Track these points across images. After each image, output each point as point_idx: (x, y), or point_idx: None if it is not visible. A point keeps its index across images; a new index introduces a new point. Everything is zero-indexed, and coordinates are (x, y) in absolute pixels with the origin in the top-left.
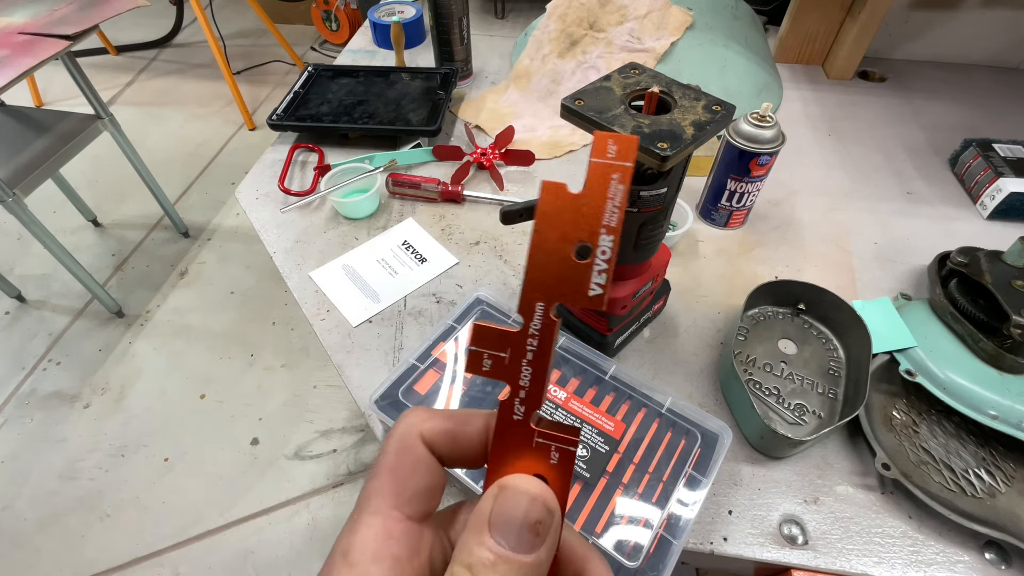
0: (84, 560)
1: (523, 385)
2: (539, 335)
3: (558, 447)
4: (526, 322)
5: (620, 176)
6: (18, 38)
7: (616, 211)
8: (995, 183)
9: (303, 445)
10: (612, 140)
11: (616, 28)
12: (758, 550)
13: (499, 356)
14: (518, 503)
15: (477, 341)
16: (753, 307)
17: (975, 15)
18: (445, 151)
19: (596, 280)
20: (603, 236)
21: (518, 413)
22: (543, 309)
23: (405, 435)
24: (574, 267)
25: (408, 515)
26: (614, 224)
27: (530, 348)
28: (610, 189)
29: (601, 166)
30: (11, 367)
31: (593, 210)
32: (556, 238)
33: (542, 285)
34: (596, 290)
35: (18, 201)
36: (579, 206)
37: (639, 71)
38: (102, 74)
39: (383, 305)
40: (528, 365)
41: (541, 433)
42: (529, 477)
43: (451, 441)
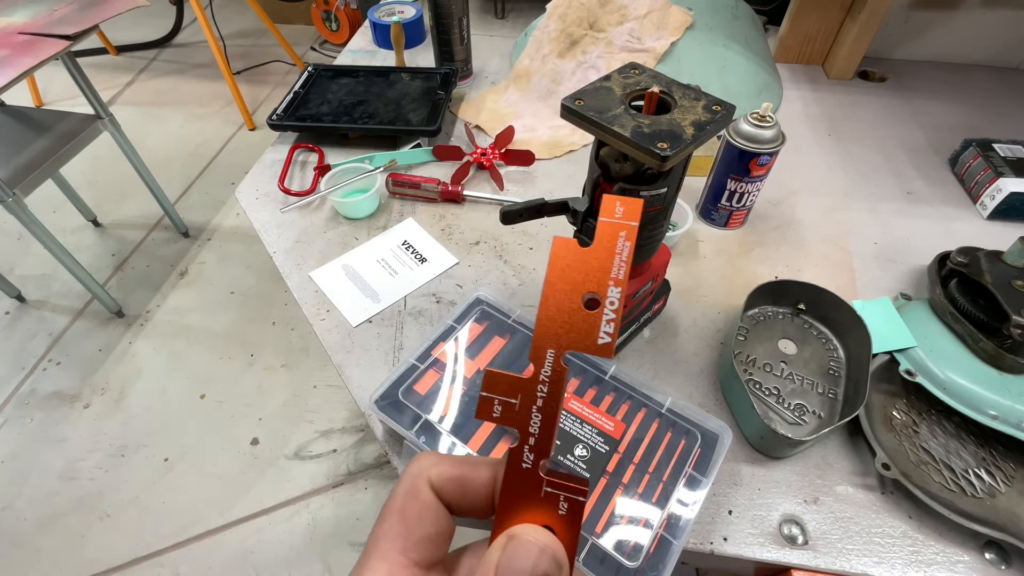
0: (84, 560)
1: (533, 432)
2: (549, 381)
3: (567, 497)
4: (537, 369)
5: (627, 234)
6: (18, 38)
7: (623, 265)
8: (995, 183)
9: (303, 445)
10: (620, 202)
11: (616, 28)
12: (758, 550)
13: (510, 402)
14: (527, 554)
15: (488, 387)
16: (753, 307)
17: (975, 15)
18: (445, 151)
19: (605, 329)
20: (611, 288)
21: (527, 461)
22: (553, 356)
23: (414, 479)
24: (584, 317)
25: (414, 561)
26: (621, 277)
27: (540, 395)
28: (618, 245)
29: (610, 225)
30: (11, 367)
31: (602, 264)
32: (567, 289)
33: (553, 333)
34: (605, 339)
35: (18, 201)
36: (588, 260)
37: (639, 71)
38: (102, 74)
39: (383, 305)
40: (538, 412)
41: (550, 482)
42: (538, 528)
43: (459, 488)
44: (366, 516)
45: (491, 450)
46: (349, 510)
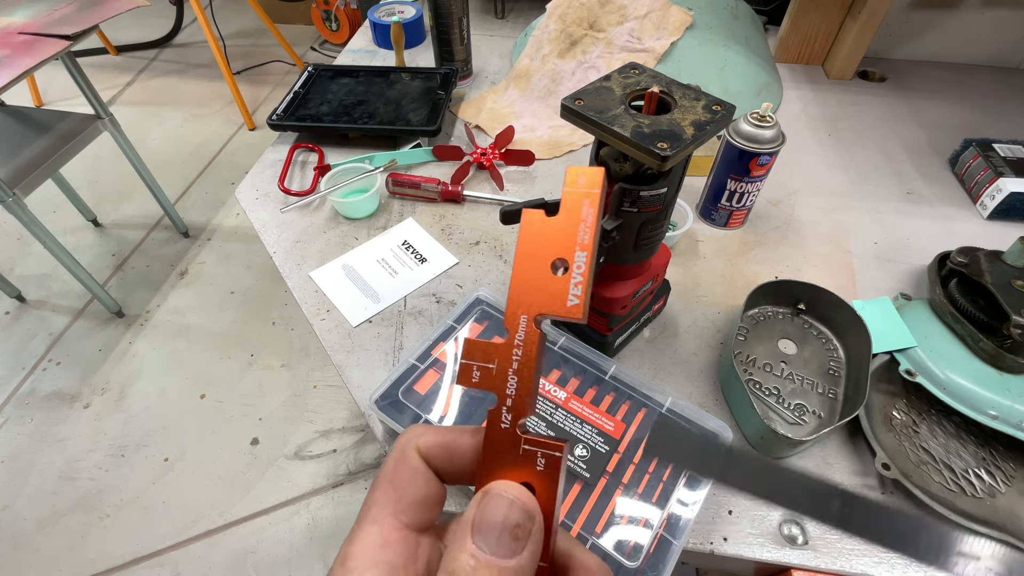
0: (84, 560)
1: (509, 394)
2: (523, 344)
3: (544, 453)
4: (511, 334)
5: (590, 201)
6: (18, 38)
7: (588, 231)
8: (995, 183)
9: (303, 445)
10: (581, 172)
11: (616, 28)
12: (758, 550)
13: (487, 367)
14: (498, 507)
15: (467, 355)
16: (753, 307)
17: (975, 15)
18: (445, 151)
19: (574, 292)
20: (578, 253)
21: (505, 421)
22: (527, 321)
23: (403, 447)
24: (553, 281)
25: (405, 524)
26: (587, 242)
27: (515, 358)
28: (583, 211)
29: (573, 194)
30: (11, 367)
31: (569, 230)
32: (537, 256)
33: (525, 299)
34: (574, 300)
35: (18, 201)
36: (556, 228)
37: (639, 71)
38: (102, 74)
39: (383, 305)
40: (514, 375)
41: (528, 440)
42: (511, 483)
43: (446, 454)
44: None
45: None
46: (349, 510)
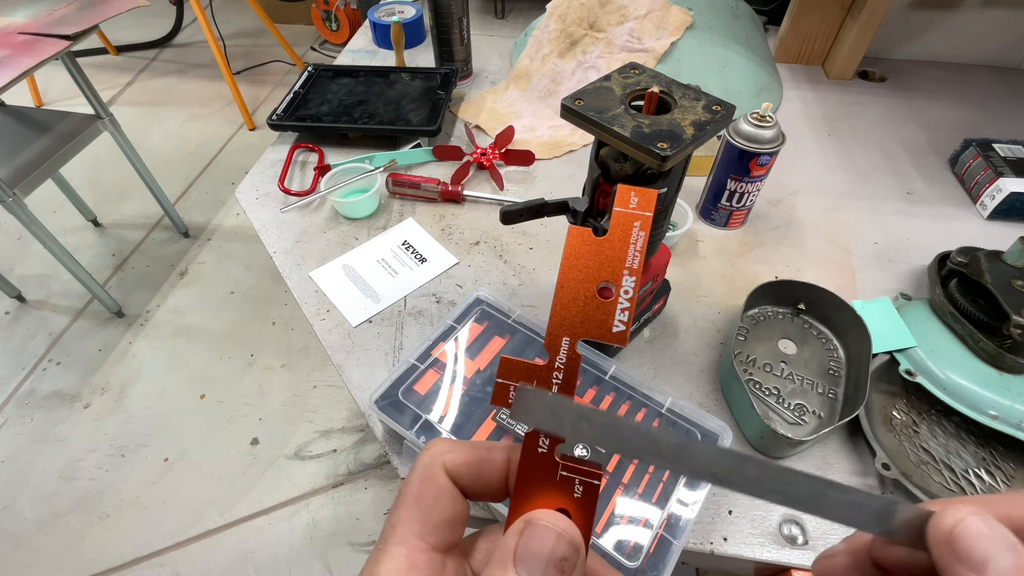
0: (84, 560)
1: None
2: (564, 368)
3: (582, 480)
4: (552, 356)
5: (641, 224)
6: (18, 38)
7: (638, 255)
8: (995, 183)
9: (303, 445)
10: (634, 192)
11: (616, 28)
12: (758, 550)
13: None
14: (544, 539)
15: (504, 374)
16: (753, 307)
17: (975, 15)
18: (445, 151)
19: (619, 317)
20: (626, 277)
21: (543, 446)
22: (568, 344)
23: (429, 465)
24: (598, 305)
25: (432, 545)
26: (636, 266)
27: (555, 382)
28: (632, 235)
29: (625, 215)
30: (11, 367)
31: (617, 253)
32: (581, 278)
33: (568, 322)
34: (619, 327)
35: (18, 201)
36: (603, 250)
37: (639, 71)
38: (102, 74)
39: (383, 305)
40: None
41: (566, 466)
42: (554, 512)
43: (474, 473)
44: (366, 516)
45: None
46: (349, 510)
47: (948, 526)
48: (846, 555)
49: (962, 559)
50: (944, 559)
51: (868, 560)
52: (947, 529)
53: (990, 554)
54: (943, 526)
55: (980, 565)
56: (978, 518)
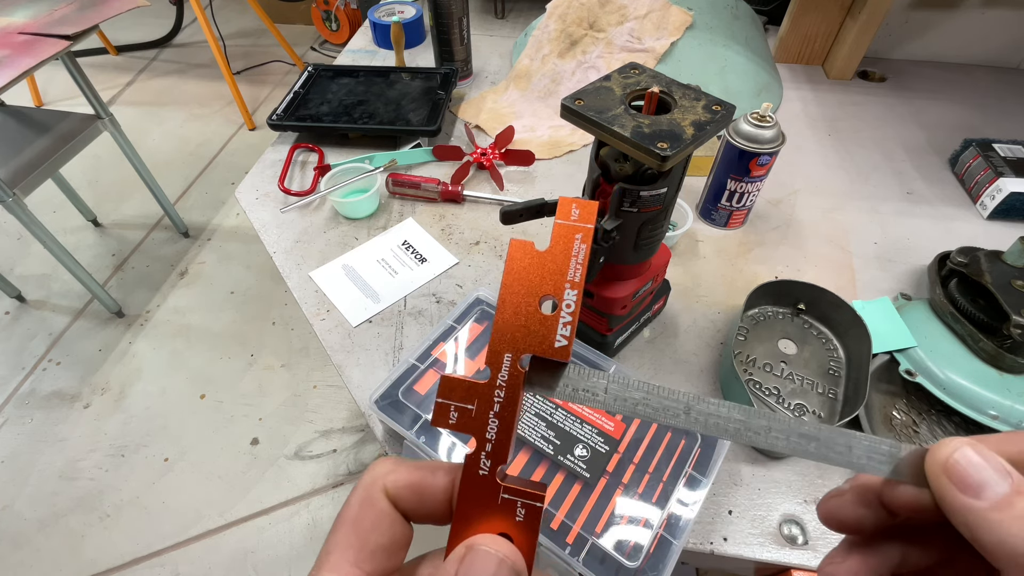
0: (84, 560)
1: (489, 438)
2: (506, 386)
3: (524, 503)
4: (494, 374)
5: (582, 236)
6: (18, 38)
7: (579, 267)
8: (995, 183)
9: (303, 445)
10: (575, 204)
11: (616, 28)
12: (758, 550)
13: (466, 408)
14: (485, 566)
15: (445, 393)
16: (753, 307)
17: (975, 15)
18: (445, 151)
19: (562, 332)
20: (568, 291)
21: (484, 468)
22: (511, 360)
23: (369, 487)
24: (540, 320)
25: (368, 573)
26: (577, 280)
27: (497, 400)
28: (574, 247)
29: (565, 227)
30: (11, 367)
31: (559, 266)
32: (523, 292)
33: (509, 337)
34: (562, 341)
35: (18, 201)
36: (545, 263)
37: (639, 71)
38: (102, 74)
39: (383, 305)
40: (495, 417)
41: (507, 488)
42: (496, 537)
43: (416, 495)
44: None
45: None
46: None
47: (944, 456)
48: (853, 493)
49: (959, 486)
50: (942, 488)
51: (876, 500)
52: (943, 459)
53: (986, 479)
54: (940, 456)
55: (976, 490)
56: (972, 448)
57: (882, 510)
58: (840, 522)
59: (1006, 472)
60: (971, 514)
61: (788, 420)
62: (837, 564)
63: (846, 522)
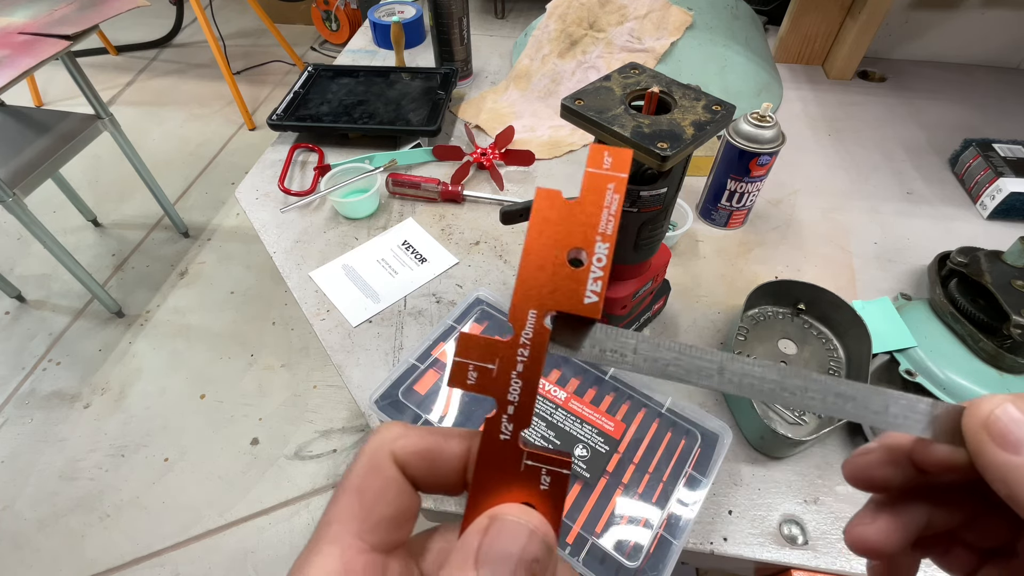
0: (84, 560)
1: (512, 400)
2: (531, 345)
3: (550, 470)
4: (517, 331)
5: (615, 186)
6: (18, 38)
7: (612, 219)
8: (995, 183)
9: (303, 445)
10: (608, 152)
11: (616, 28)
12: (758, 550)
13: (486, 368)
14: (514, 537)
15: (463, 351)
16: (753, 307)
17: (975, 15)
18: (445, 151)
19: (592, 288)
20: (599, 244)
21: (506, 432)
22: (535, 317)
23: (375, 453)
24: (569, 274)
25: (372, 545)
26: (610, 232)
27: (520, 359)
28: (606, 198)
29: (597, 176)
30: (11, 367)
31: (589, 218)
32: (550, 244)
33: (535, 292)
34: (592, 298)
35: (18, 201)
36: (575, 214)
37: (639, 71)
38: (102, 74)
39: (383, 305)
40: (518, 378)
41: (531, 455)
42: (523, 507)
43: (428, 463)
44: None
45: None
46: None
47: (986, 411)
48: (882, 451)
49: (998, 442)
50: (981, 443)
51: (906, 459)
52: (984, 414)
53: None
54: (980, 412)
55: (1016, 446)
56: (1013, 404)
57: (911, 469)
58: (868, 480)
59: None
60: (1011, 470)
61: (824, 379)
62: (866, 525)
63: (874, 480)
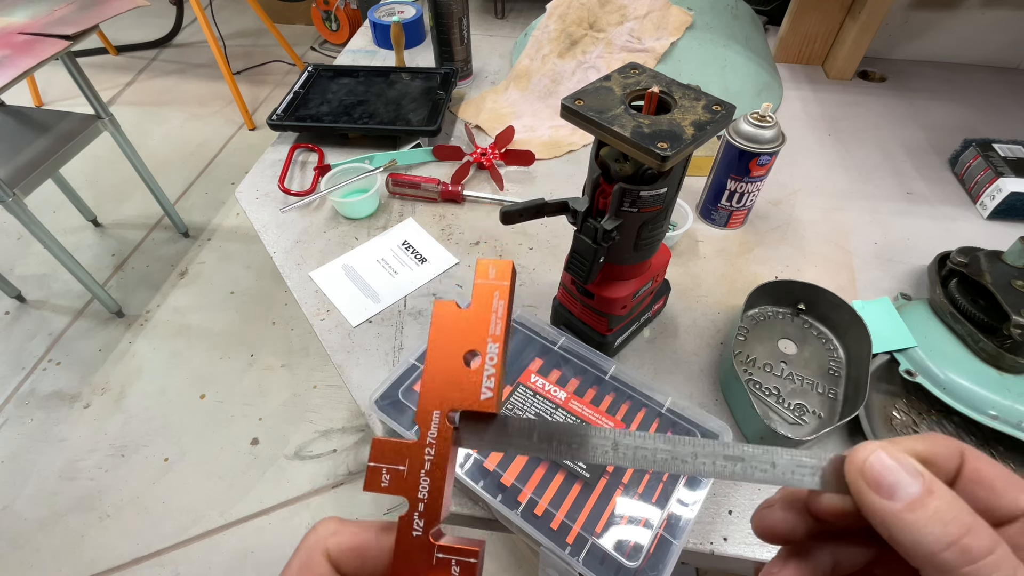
0: (84, 560)
1: (421, 498)
2: (436, 443)
3: (459, 560)
4: (423, 432)
5: (500, 293)
6: (18, 38)
7: (499, 322)
8: (995, 183)
9: (303, 445)
10: (492, 264)
11: (616, 28)
12: (758, 550)
13: (398, 470)
14: None
15: (376, 456)
16: (753, 307)
17: (975, 15)
18: (445, 151)
19: (487, 384)
20: (490, 344)
21: (417, 528)
22: (439, 417)
23: (310, 549)
24: (466, 374)
25: None
26: (499, 333)
27: (428, 458)
28: (493, 303)
29: (484, 286)
30: (11, 367)
31: (480, 323)
32: (448, 349)
33: (437, 394)
34: (487, 393)
35: (18, 201)
36: (468, 319)
37: (639, 71)
38: (102, 74)
39: (383, 305)
40: (426, 475)
41: (440, 548)
42: None
43: (358, 558)
44: (366, 516)
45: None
46: (349, 510)
47: (860, 460)
48: (781, 504)
49: (874, 488)
50: (859, 491)
51: (804, 509)
52: (859, 463)
53: (899, 481)
54: (856, 461)
55: (890, 491)
56: (884, 452)
57: (811, 518)
58: (773, 533)
59: (917, 473)
60: (887, 516)
61: (711, 444)
62: (774, 574)
63: (778, 532)
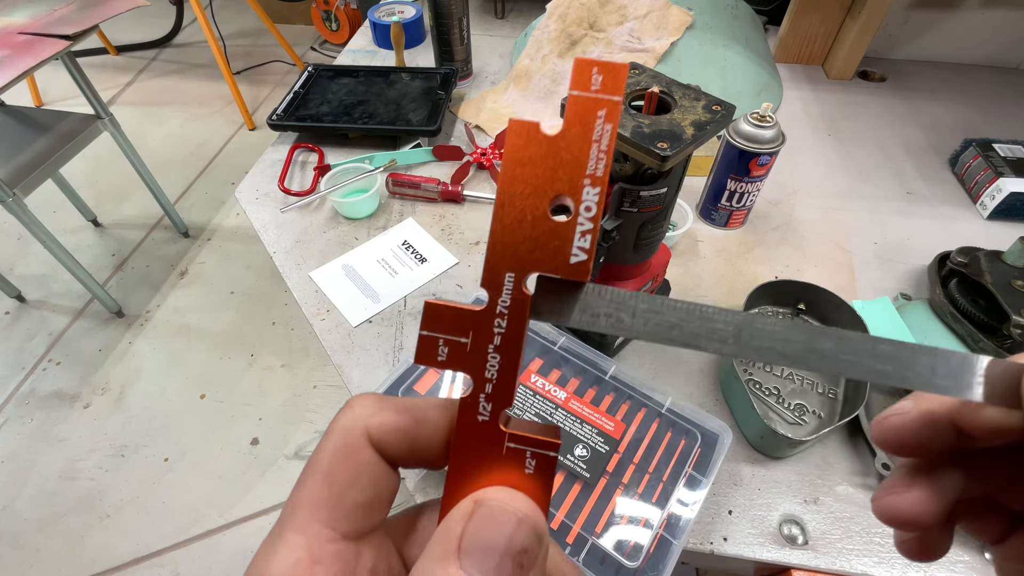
0: (84, 560)
1: (489, 377)
2: (508, 314)
3: (535, 453)
4: (492, 298)
5: (607, 113)
6: (18, 38)
7: (603, 157)
8: (995, 183)
9: (303, 445)
10: (598, 68)
11: (616, 28)
12: (758, 550)
13: (459, 342)
14: (501, 526)
15: (430, 324)
16: (753, 307)
17: (975, 15)
18: (445, 151)
19: (579, 244)
20: (587, 188)
21: (484, 413)
22: (513, 281)
23: (348, 433)
24: (551, 228)
25: (343, 533)
26: (600, 173)
27: (498, 331)
28: (595, 129)
29: (584, 100)
30: (11, 367)
31: (575, 156)
32: (528, 192)
33: (511, 251)
34: (579, 255)
35: (18, 201)
36: (557, 151)
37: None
38: (102, 74)
39: (383, 305)
40: (496, 352)
41: (513, 436)
42: (514, 491)
43: (408, 440)
44: None
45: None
46: None
47: None
48: (919, 413)
49: None
50: None
51: (947, 422)
52: None
53: None
54: None
55: None
56: None
57: (952, 432)
58: (902, 444)
59: None
60: None
61: (858, 339)
62: (899, 494)
63: (909, 444)
